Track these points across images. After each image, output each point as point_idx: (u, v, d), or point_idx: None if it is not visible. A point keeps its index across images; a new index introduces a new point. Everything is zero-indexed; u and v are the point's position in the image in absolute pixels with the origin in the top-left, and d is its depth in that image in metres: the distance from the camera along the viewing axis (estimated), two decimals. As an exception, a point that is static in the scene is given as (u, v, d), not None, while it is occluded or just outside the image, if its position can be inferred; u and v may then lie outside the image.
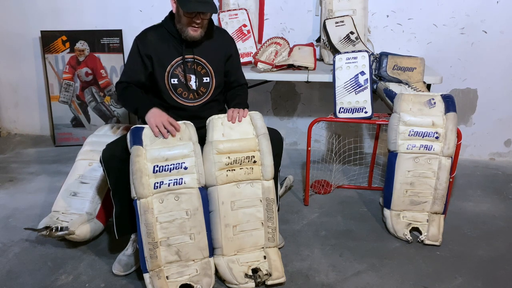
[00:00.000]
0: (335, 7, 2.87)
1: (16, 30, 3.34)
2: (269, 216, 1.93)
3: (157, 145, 1.84)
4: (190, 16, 1.93)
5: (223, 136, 1.94)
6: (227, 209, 1.88)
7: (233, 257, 1.89)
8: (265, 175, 1.93)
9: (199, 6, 1.90)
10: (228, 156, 1.90)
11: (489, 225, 2.37)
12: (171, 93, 2.06)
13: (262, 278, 1.82)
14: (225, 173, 1.89)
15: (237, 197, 1.90)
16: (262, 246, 1.94)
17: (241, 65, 2.28)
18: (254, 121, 2.00)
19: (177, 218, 1.81)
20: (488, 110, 3.14)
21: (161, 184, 1.80)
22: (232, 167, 1.90)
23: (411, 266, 2.01)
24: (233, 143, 1.92)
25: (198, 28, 1.97)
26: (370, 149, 3.12)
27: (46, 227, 2.01)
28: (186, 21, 1.95)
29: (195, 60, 2.07)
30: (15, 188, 2.73)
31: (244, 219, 1.91)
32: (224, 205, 1.88)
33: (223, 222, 1.87)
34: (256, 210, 1.92)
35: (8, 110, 3.62)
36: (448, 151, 2.17)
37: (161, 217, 1.80)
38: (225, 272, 1.85)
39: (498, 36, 2.95)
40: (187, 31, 1.97)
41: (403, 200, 2.24)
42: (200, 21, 1.96)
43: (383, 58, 2.51)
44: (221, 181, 1.88)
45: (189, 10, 1.90)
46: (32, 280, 1.89)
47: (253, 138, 1.95)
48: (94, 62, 3.31)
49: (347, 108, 2.42)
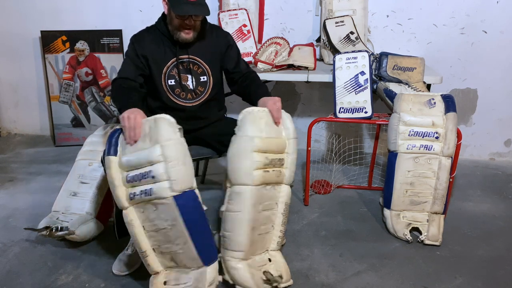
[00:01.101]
0: (335, 7, 2.87)
1: (16, 30, 3.34)
2: (284, 221, 1.88)
3: (129, 150, 1.68)
4: (182, 18, 1.91)
5: (262, 133, 1.79)
6: (255, 212, 1.77)
7: (249, 262, 1.79)
8: (288, 180, 1.88)
9: (191, 9, 1.86)
10: (266, 156, 1.77)
11: (489, 225, 2.37)
12: (169, 94, 2.05)
13: (278, 282, 1.76)
14: (261, 174, 1.76)
15: (263, 199, 1.80)
16: (267, 249, 1.89)
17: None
18: (285, 123, 1.89)
19: (160, 228, 1.67)
20: (488, 110, 3.14)
21: (134, 195, 1.65)
22: (267, 168, 1.79)
23: (411, 266, 2.01)
24: (271, 142, 1.81)
25: (190, 30, 1.95)
26: (370, 149, 3.12)
27: (46, 227, 2.01)
28: (177, 23, 1.93)
29: (190, 59, 2.06)
30: (15, 188, 2.73)
31: (263, 221, 1.82)
32: (254, 207, 1.76)
33: (250, 224, 1.75)
34: (272, 213, 1.86)
35: (8, 110, 3.62)
36: (448, 151, 2.17)
37: (147, 226, 1.69)
38: (246, 279, 1.72)
39: (498, 36, 2.95)
40: (179, 33, 1.95)
41: (403, 200, 2.24)
42: (192, 23, 1.93)
43: (383, 58, 2.51)
44: (257, 182, 1.74)
45: (181, 13, 1.88)
46: (32, 280, 1.89)
47: (284, 139, 1.87)
48: (94, 62, 3.31)
49: (347, 108, 2.42)
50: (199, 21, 1.97)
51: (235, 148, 1.77)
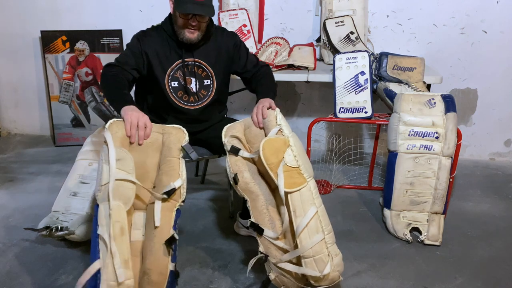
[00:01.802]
0: (335, 7, 2.87)
1: (16, 30, 3.34)
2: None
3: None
4: (186, 18, 1.89)
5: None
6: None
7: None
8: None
9: (195, 8, 1.85)
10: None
11: (489, 225, 2.37)
12: (171, 96, 2.05)
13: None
14: None
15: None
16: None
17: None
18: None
19: None
20: (488, 110, 3.14)
21: None
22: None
23: (411, 266, 2.01)
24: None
25: (194, 30, 1.93)
26: (370, 149, 3.12)
27: (46, 227, 2.00)
28: (182, 22, 1.92)
29: (195, 63, 2.05)
30: (15, 188, 2.73)
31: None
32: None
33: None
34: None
35: (8, 110, 3.62)
36: (448, 151, 2.17)
37: None
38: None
39: (498, 36, 2.95)
40: (184, 33, 1.93)
41: (403, 200, 2.24)
42: (196, 23, 1.91)
43: (383, 58, 2.51)
44: None
45: (184, 12, 1.86)
46: (32, 280, 1.89)
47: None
48: (94, 62, 3.31)
49: (347, 108, 2.42)
50: (204, 23, 1.95)
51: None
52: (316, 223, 1.65)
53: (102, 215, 1.48)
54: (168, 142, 1.75)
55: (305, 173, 1.73)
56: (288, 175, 1.68)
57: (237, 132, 1.90)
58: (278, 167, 1.69)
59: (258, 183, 1.80)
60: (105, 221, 1.46)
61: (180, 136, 1.77)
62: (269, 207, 1.75)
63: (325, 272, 1.59)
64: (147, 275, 1.48)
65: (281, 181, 1.65)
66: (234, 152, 1.82)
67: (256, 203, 1.74)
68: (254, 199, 1.75)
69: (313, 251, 1.61)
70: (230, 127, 1.91)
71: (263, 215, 1.72)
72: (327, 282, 1.62)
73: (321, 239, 1.63)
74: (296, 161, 1.72)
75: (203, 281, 1.86)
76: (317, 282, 1.61)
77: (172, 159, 1.70)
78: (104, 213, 1.48)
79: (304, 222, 1.63)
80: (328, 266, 1.59)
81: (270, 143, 1.74)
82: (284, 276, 1.67)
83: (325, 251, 1.62)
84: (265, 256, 1.68)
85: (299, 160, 1.73)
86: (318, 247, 1.62)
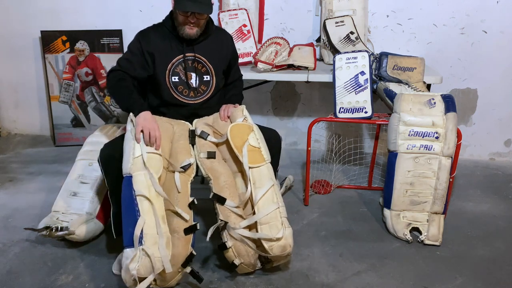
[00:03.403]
0: (335, 7, 2.88)
1: (16, 30, 3.34)
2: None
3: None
4: (185, 15, 1.98)
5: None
6: None
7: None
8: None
9: (194, 6, 1.93)
10: None
11: (489, 225, 2.37)
12: (171, 90, 2.09)
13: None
14: None
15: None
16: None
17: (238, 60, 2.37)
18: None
19: None
20: (488, 110, 3.14)
21: None
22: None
23: (411, 266, 2.01)
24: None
25: (194, 27, 2.01)
26: (370, 149, 3.11)
27: (46, 227, 2.01)
28: (181, 19, 2.00)
29: (196, 58, 2.09)
30: (15, 188, 2.73)
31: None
32: None
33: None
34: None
35: (8, 110, 3.62)
36: (448, 151, 2.17)
37: None
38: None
39: (498, 36, 2.95)
40: (184, 29, 2.02)
41: (403, 200, 2.24)
42: (195, 20, 2.00)
43: (383, 58, 2.51)
44: None
45: (183, 10, 1.95)
46: (32, 280, 1.89)
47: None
48: (94, 62, 3.31)
49: (347, 108, 2.42)
50: (203, 20, 2.03)
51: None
52: (272, 195, 1.90)
53: (139, 180, 1.79)
54: (179, 130, 2.06)
55: (265, 154, 1.98)
56: (251, 154, 1.95)
57: (207, 121, 2.14)
58: (243, 147, 1.95)
59: (222, 165, 2.01)
60: (144, 184, 1.78)
61: (186, 126, 2.10)
62: (229, 186, 1.95)
63: (278, 235, 1.79)
64: (176, 232, 1.80)
65: (245, 158, 1.93)
66: (203, 136, 2.05)
67: (218, 181, 1.95)
68: (217, 177, 1.96)
69: (269, 217, 1.84)
70: (200, 119, 2.16)
71: (224, 190, 1.93)
72: (279, 249, 1.80)
73: (275, 208, 1.86)
74: (258, 143, 2.00)
75: (203, 281, 1.86)
76: (270, 247, 1.79)
77: (184, 142, 2.02)
78: (141, 178, 1.79)
79: (262, 191, 1.88)
80: (281, 231, 1.81)
81: (236, 127, 2.02)
82: (241, 244, 1.83)
83: (279, 219, 1.84)
84: (224, 223, 1.84)
85: (260, 143, 2.00)
86: (273, 214, 1.85)
